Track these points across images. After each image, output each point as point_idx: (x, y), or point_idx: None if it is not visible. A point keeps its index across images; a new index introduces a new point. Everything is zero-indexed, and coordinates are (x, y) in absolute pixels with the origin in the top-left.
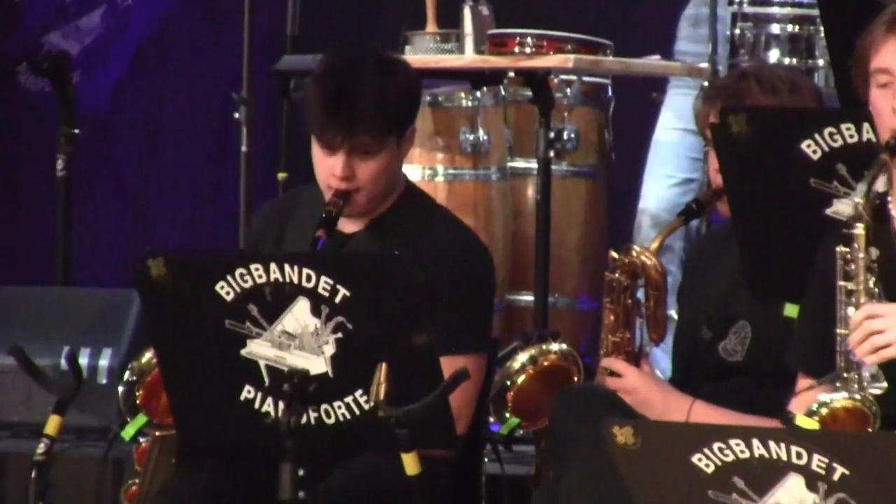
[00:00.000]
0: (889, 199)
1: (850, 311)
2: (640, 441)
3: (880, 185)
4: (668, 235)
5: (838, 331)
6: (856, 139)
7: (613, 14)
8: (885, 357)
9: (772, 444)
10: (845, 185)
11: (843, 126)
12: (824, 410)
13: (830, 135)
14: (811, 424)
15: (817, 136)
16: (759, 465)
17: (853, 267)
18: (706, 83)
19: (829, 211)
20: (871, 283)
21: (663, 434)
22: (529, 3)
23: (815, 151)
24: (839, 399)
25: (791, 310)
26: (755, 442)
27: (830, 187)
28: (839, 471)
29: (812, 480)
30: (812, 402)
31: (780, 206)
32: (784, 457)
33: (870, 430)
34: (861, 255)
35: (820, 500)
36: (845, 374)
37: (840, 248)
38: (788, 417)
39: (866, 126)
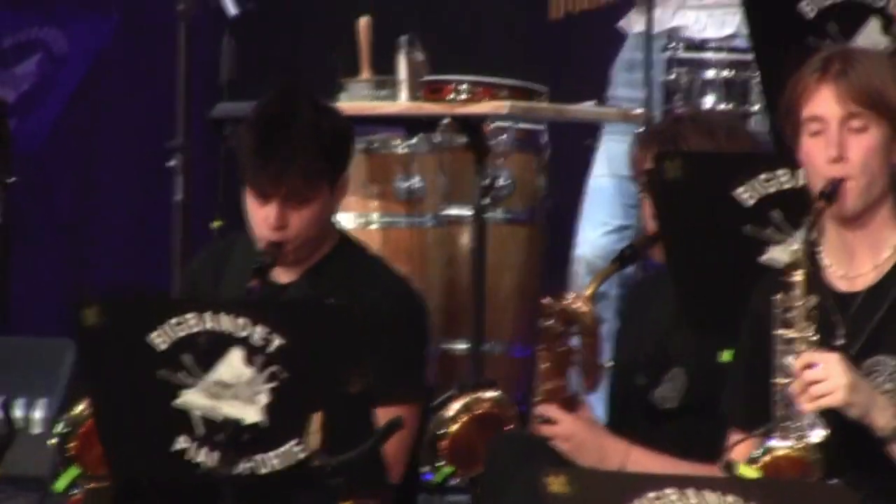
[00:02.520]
0: (820, 248)
1: (789, 359)
2: (575, 489)
3: (812, 235)
4: (602, 282)
5: (776, 380)
6: (791, 185)
7: (548, 60)
8: (824, 406)
9: (707, 492)
10: (780, 231)
11: (778, 172)
12: (767, 458)
13: (766, 180)
14: (753, 472)
15: (752, 182)
16: None
17: (792, 314)
18: (641, 128)
19: (764, 258)
20: (810, 331)
21: (598, 482)
22: (464, 49)
23: (750, 197)
24: (781, 447)
25: (726, 355)
26: (690, 491)
27: (764, 234)
28: None
29: None
30: (753, 451)
31: (714, 251)
32: None
33: (811, 478)
34: (800, 302)
35: None
36: (785, 423)
37: (777, 296)
38: (731, 465)
39: (802, 172)
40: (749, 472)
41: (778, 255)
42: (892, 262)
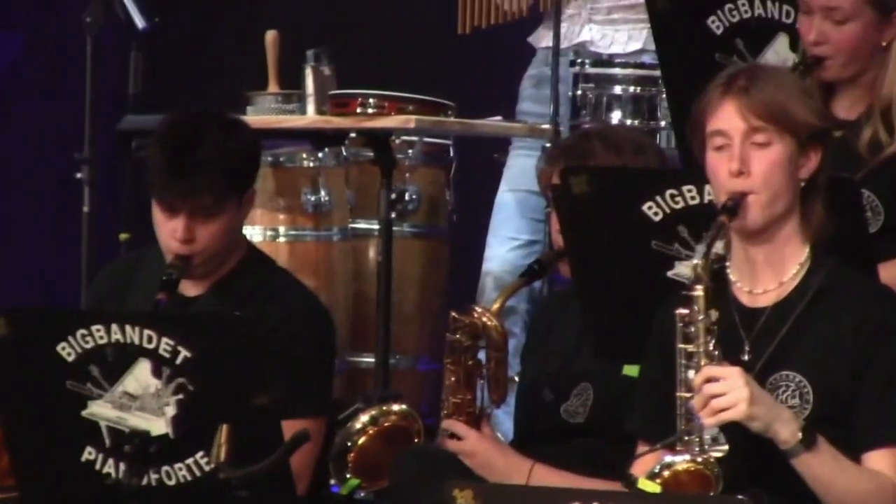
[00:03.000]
0: (727, 263)
1: (691, 374)
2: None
3: (719, 247)
4: (509, 296)
5: (679, 394)
6: (697, 201)
7: (456, 75)
8: (725, 420)
9: None
10: (687, 247)
11: (685, 188)
12: (667, 473)
13: (672, 196)
14: (653, 487)
15: (659, 198)
16: None
17: (693, 329)
18: (549, 144)
19: (671, 273)
20: (710, 346)
21: (503, 497)
22: (372, 63)
23: (656, 213)
24: (681, 462)
25: (631, 370)
26: None
27: (671, 249)
28: None
29: None
30: (654, 465)
31: (621, 267)
32: None
33: (712, 493)
34: (701, 317)
35: None
36: (686, 437)
37: (679, 311)
38: (631, 480)
39: (708, 188)
40: (649, 486)
41: (684, 270)
42: (797, 278)
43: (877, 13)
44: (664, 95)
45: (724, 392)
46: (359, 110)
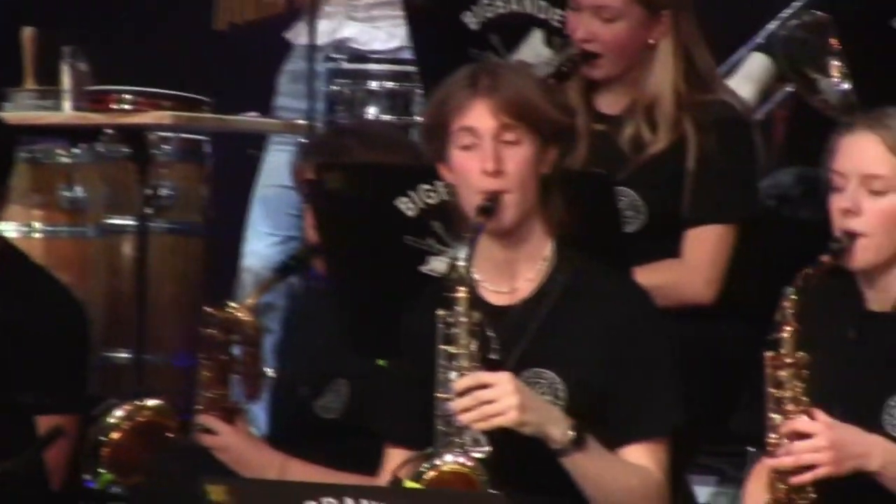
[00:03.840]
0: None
1: (452, 375)
2: (234, 499)
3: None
4: (263, 292)
5: (438, 395)
6: (451, 197)
7: (213, 70)
8: (496, 425)
9: (364, 502)
10: (441, 242)
11: (439, 183)
12: (432, 474)
13: (426, 192)
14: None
15: (412, 193)
16: None
17: (455, 331)
18: (305, 139)
19: (425, 268)
20: (473, 347)
21: (257, 492)
22: (128, 60)
23: (410, 208)
24: (445, 463)
25: (384, 363)
26: (348, 500)
27: (425, 244)
28: None
29: None
30: (419, 467)
31: (376, 262)
32: None
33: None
34: (464, 318)
35: None
36: (448, 439)
37: (440, 312)
38: (397, 483)
39: (440, 184)
40: (415, 487)
41: (438, 265)
42: (544, 275)
43: (645, 12)
44: (420, 91)
45: (493, 399)
46: (114, 107)
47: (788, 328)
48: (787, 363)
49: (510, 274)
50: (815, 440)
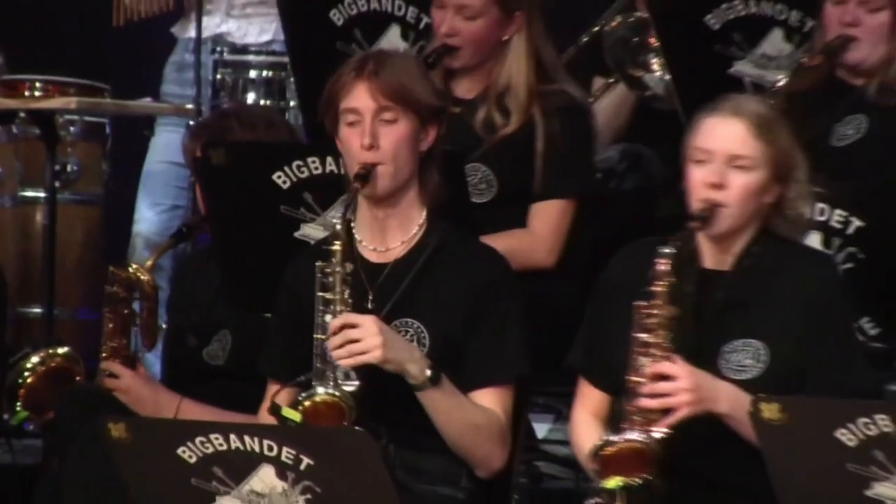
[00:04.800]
0: (354, 224)
1: (328, 318)
2: (132, 435)
3: (349, 212)
4: (161, 255)
5: (316, 336)
6: (320, 171)
7: (112, 60)
8: (361, 362)
9: (246, 438)
10: (312, 211)
11: (310, 159)
12: (308, 403)
13: (298, 167)
14: (295, 415)
15: (287, 168)
16: (235, 457)
17: (330, 279)
18: (192, 122)
19: (298, 234)
20: (346, 294)
21: (152, 428)
22: (38, 51)
23: (284, 182)
24: (320, 394)
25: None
26: (232, 436)
27: (298, 213)
28: (305, 461)
29: (282, 470)
30: (296, 396)
31: (255, 229)
32: (257, 449)
33: (346, 423)
34: (339, 268)
35: (289, 487)
36: (324, 374)
37: (319, 263)
38: (276, 407)
39: (329, 159)
40: (292, 414)
41: (310, 231)
42: (416, 238)
43: (501, 12)
44: (292, 79)
45: (360, 338)
46: (27, 93)
47: (661, 283)
48: (654, 313)
49: (386, 236)
50: (678, 382)
